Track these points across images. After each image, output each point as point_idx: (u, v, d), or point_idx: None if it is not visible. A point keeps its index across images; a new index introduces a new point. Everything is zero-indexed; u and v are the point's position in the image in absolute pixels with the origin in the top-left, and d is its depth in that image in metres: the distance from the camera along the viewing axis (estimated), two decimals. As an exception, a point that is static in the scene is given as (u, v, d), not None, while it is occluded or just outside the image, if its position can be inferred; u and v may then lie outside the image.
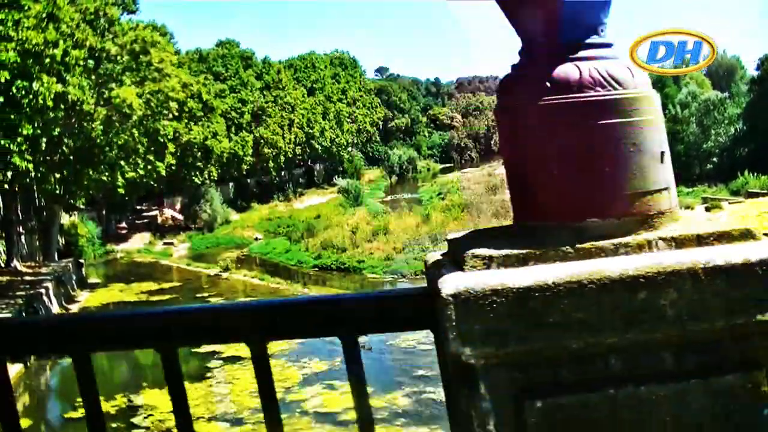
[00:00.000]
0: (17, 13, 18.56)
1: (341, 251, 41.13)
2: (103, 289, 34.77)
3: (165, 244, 48.36)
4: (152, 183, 37.48)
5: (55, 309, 28.63)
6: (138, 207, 55.46)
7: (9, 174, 26.25)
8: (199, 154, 49.84)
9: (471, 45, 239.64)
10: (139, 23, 31.03)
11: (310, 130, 72.67)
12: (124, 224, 52.09)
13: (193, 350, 23.88)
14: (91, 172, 28.88)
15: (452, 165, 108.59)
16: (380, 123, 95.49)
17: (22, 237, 33.69)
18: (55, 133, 24.14)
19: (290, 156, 68.92)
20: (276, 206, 65.03)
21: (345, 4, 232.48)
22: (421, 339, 24.34)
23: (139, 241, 48.50)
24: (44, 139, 22.13)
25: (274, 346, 24.55)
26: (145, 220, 53.94)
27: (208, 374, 22.14)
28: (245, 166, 60.98)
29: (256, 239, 50.87)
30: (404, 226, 44.46)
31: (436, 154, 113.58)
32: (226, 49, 63.65)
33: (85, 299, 32.44)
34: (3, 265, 31.73)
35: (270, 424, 1.81)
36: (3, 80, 17.95)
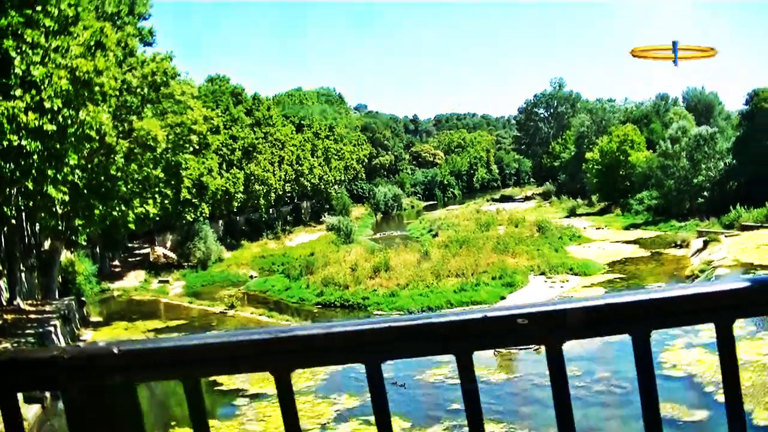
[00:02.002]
0: (71, 40, 18.14)
1: (344, 288, 40.73)
2: (107, 327, 33.85)
3: (160, 281, 47.44)
4: (157, 219, 36.75)
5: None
6: (129, 245, 54.49)
7: (17, 206, 25.47)
8: (194, 190, 49.17)
9: (450, 83, 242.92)
10: (156, 54, 30.74)
11: (300, 167, 72.48)
12: (117, 262, 51.05)
13: (216, 387, 23.23)
14: (101, 207, 28.13)
15: (436, 202, 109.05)
16: (366, 160, 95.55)
17: (23, 274, 32.75)
18: (73, 163, 23.52)
19: (280, 193, 68.49)
20: (266, 244, 64.49)
21: (320, 42, 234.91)
22: (448, 374, 23.91)
23: (134, 278, 47.50)
24: (78, 171, 21.55)
25: (300, 381, 23.93)
26: (138, 258, 52.92)
27: (237, 412, 21.42)
28: (236, 203, 60.36)
29: (251, 277, 50.21)
30: (404, 262, 44.11)
31: (419, 191, 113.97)
32: (216, 84, 63.38)
33: (91, 337, 31.52)
34: (5, 303, 30.76)
35: None
36: (55, 108, 17.47)
